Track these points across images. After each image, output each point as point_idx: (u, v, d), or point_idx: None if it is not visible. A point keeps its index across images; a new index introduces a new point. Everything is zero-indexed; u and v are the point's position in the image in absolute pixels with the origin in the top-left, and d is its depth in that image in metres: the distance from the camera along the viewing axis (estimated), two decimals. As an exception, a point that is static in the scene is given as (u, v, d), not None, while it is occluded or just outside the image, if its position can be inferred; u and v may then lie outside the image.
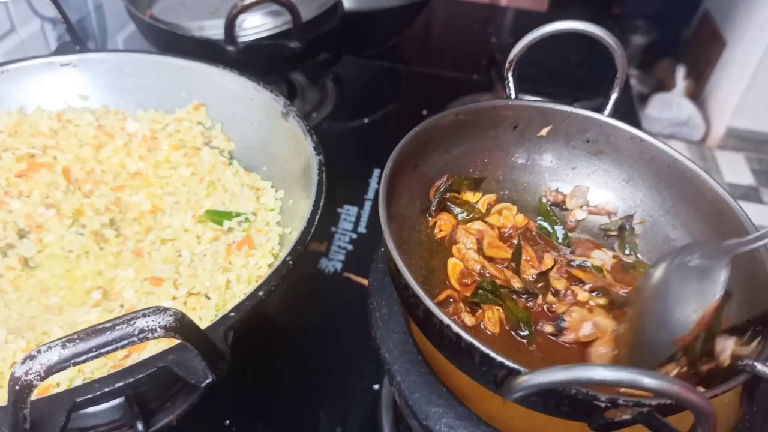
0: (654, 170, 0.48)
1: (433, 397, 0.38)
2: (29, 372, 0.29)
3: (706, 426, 0.27)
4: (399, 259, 0.36)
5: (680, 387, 0.25)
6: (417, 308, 0.35)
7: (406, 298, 0.37)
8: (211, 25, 0.84)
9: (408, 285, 0.35)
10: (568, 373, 0.26)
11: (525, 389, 0.28)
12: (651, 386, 0.25)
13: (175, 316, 0.32)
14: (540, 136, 0.49)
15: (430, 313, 0.34)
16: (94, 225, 0.55)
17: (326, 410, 0.58)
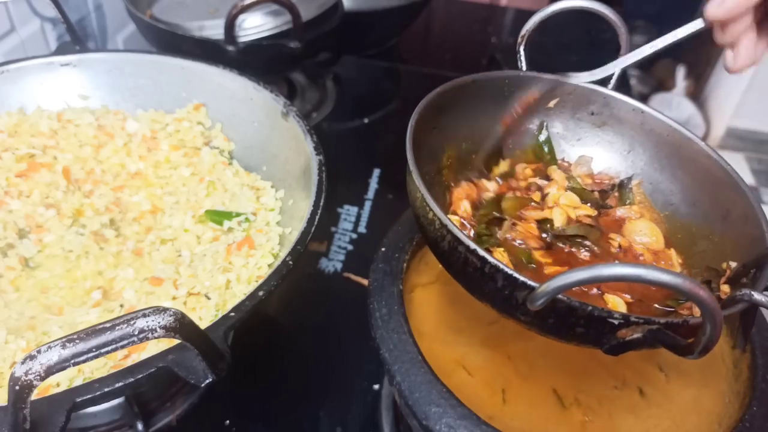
0: (654, 140, 0.50)
1: (433, 397, 0.38)
2: (29, 372, 0.29)
3: (713, 325, 0.29)
4: (427, 192, 0.37)
5: (691, 282, 0.28)
6: (443, 240, 0.37)
7: (431, 233, 0.38)
8: (211, 25, 0.84)
9: (436, 216, 0.36)
10: (588, 272, 0.28)
11: (548, 293, 0.30)
12: (665, 281, 0.27)
13: (175, 316, 0.32)
14: (548, 107, 0.52)
15: (458, 241, 0.35)
16: (94, 225, 0.55)
17: (326, 410, 0.58)
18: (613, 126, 0.52)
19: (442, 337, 0.47)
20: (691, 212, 0.48)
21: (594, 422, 0.43)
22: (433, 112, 0.46)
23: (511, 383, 0.45)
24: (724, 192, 0.45)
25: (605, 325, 0.33)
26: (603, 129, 0.52)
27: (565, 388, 0.45)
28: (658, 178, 0.50)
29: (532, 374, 0.45)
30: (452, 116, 0.48)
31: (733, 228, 0.44)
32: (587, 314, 0.32)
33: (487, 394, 0.44)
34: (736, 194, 0.44)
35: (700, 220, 0.47)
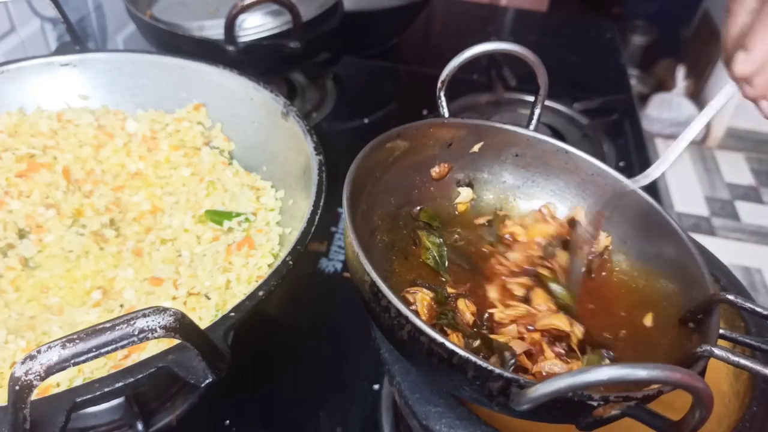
0: (579, 179, 0.51)
1: (433, 397, 0.38)
2: (29, 372, 0.29)
3: (704, 408, 0.29)
4: (380, 281, 0.35)
5: (683, 374, 0.27)
6: (401, 329, 0.34)
7: (386, 320, 0.36)
8: (211, 25, 0.84)
9: (391, 304, 0.34)
10: (574, 378, 0.27)
11: (535, 399, 0.29)
12: (657, 377, 0.26)
13: (175, 316, 0.32)
14: (473, 152, 0.52)
15: (419, 332, 0.33)
16: (94, 225, 0.55)
17: (326, 410, 0.58)
18: (537, 166, 0.52)
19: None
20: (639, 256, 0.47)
21: (594, 422, 0.43)
22: (363, 174, 0.45)
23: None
24: (657, 232, 0.45)
25: (583, 407, 0.31)
26: (528, 169, 0.52)
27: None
28: (584, 219, 0.50)
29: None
30: (382, 175, 0.47)
31: (671, 270, 0.44)
32: (566, 399, 0.31)
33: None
34: (670, 237, 0.44)
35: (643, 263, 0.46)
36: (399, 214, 0.49)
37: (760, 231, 2.14)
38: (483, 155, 0.52)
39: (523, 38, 1.36)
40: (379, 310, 0.36)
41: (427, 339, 0.33)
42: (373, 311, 0.37)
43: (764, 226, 2.16)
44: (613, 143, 0.98)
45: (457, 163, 0.52)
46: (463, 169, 0.52)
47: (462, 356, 0.32)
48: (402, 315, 0.34)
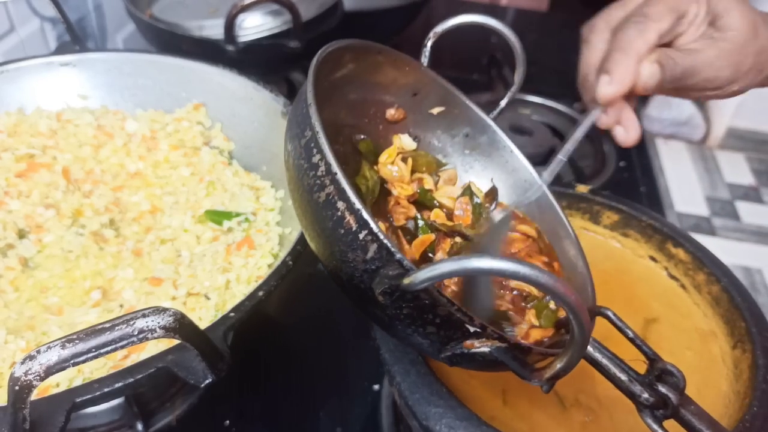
0: (513, 181, 0.51)
1: (433, 398, 0.38)
2: (29, 372, 0.29)
3: (579, 320, 0.27)
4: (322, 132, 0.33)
5: (552, 278, 0.26)
6: (321, 189, 0.33)
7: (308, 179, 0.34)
8: (211, 25, 0.84)
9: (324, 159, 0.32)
10: (457, 263, 0.27)
11: (422, 282, 0.28)
12: (537, 278, 0.26)
13: (174, 317, 0.31)
14: (431, 113, 0.51)
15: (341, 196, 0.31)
16: (94, 225, 0.54)
17: (326, 410, 0.58)
18: (481, 154, 0.51)
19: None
20: None
21: (594, 422, 0.43)
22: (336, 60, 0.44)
23: (511, 384, 0.45)
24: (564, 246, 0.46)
25: (458, 330, 0.31)
26: (471, 154, 0.52)
27: (565, 388, 0.45)
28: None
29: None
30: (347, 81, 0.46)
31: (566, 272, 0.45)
32: (447, 313, 0.30)
33: (488, 394, 0.44)
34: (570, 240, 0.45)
35: None
36: (342, 129, 0.47)
37: (760, 231, 2.14)
38: (438, 121, 0.51)
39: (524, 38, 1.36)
40: (307, 167, 0.34)
41: (344, 204, 0.31)
42: (298, 169, 0.35)
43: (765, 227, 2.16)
44: (614, 143, 0.98)
45: (413, 116, 0.50)
46: (415, 124, 0.51)
47: (373, 229, 0.30)
48: (331, 172, 0.32)
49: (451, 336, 0.31)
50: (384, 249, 0.30)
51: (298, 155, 0.35)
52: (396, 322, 0.33)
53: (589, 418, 0.43)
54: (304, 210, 0.36)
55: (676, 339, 0.50)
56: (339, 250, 0.33)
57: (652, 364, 0.36)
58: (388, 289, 0.30)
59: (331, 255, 0.34)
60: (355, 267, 0.32)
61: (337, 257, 0.33)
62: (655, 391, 0.34)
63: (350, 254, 0.32)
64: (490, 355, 0.31)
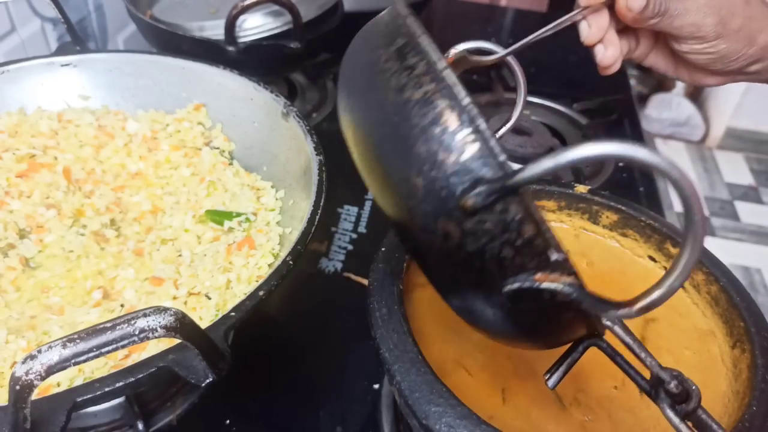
0: None
1: (433, 397, 0.38)
2: (30, 372, 0.29)
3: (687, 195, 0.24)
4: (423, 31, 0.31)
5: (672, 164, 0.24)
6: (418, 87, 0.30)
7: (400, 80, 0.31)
8: (212, 26, 0.84)
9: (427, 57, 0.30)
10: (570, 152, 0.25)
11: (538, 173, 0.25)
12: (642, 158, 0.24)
13: (175, 316, 0.32)
14: None
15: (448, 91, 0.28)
16: (95, 225, 0.55)
17: (326, 410, 0.58)
18: None
19: (441, 336, 0.47)
20: None
21: (594, 422, 0.43)
22: None
23: (510, 383, 0.45)
24: None
25: (537, 257, 0.28)
26: None
27: (565, 388, 0.45)
28: None
29: (532, 375, 0.45)
30: None
31: None
32: (532, 234, 0.27)
33: (487, 393, 0.44)
34: None
35: None
36: None
37: (759, 231, 2.15)
38: None
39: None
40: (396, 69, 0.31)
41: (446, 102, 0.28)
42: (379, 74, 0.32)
43: (764, 227, 2.16)
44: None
45: None
46: None
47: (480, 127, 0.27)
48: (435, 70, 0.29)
49: (525, 264, 0.28)
50: (487, 150, 0.27)
51: (382, 61, 0.32)
52: (468, 240, 0.29)
53: (589, 418, 0.43)
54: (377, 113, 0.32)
55: (675, 338, 0.50)
56: (427, 150, 0.29)
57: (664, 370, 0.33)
58: (482, 193, 0.27)
59: (410, 157, 0.30)
60: (443, 169, 0.28)
61: (420, 159, 0.29)
62: (681, 382, 0.31)
63: (441, 154, 0.28)
64: (561, 292, 0.28)
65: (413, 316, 0.47)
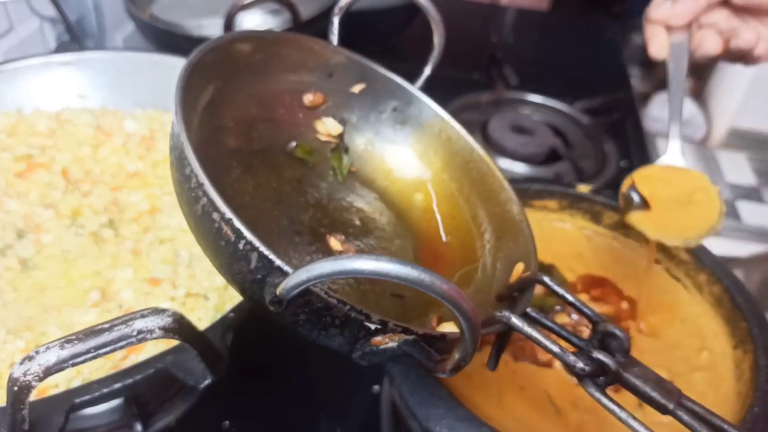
0: (448, 151, 0.49)
1: (433, 399, 0.38)
2: (28, 373, 0.29)
3: (472, 335, 0.27)
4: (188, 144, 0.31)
5: (450, 287, 0.25)
6: (197, 202, 0.31)
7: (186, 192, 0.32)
8: (210, 24, 0.83)
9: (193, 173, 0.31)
10: (336, 264, 0.26)
11: (295, 286, 0.27)
12: (423, 281, 0.25)
13: (173, 317, 0.31)
14: (352, 92, 0.49)
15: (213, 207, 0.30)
16: (93, 225, 0.54)
17: (326, 411, 0.58)
18: (412, 126, 0.50)
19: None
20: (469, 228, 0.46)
21: (590, 423, 0.43)
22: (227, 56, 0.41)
23: (508, 385, 0.45)
24: (503, 212, 0.44)
25: (361, 329, 0.30)
26: (402, 128, 0.50)
27: (562, 389, 0.45)
28: (447, 189, 0.48)
29: (529, 377, 0.45)
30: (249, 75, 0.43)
31: (506, 251, 0.42)
32: (344, 314, 0.30)
33: (485, 395, 0.44)
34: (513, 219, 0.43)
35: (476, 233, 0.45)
36: (255, 124, 0.45)
37: (761, 231, 2.14)
38: (362, 99, 0.49)
39: (524, 37, 1.36)
40: (182, 180, 0.33)
41: (218, 215, 0.30)
42: (178, 183, 0.34)
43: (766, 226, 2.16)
44: (615, 142, 0.98)
45: (334, 98, 0.48)
46: (339, 107, 0.49)
47: (248, 238, 0.29)
48: (200, 183, 0.31)
49: (356, 335, 0.31)
50: (264, 258, 0.29)
51: (175, 169, 0.34)
52: (299, 329, 0.32)
53: (586, 419, 0.43)
54: (191, 225, 0.34)
55: (678, 339, 0.49)
56: (226, 262, 0.32)
57: (595, 326, 0.34)
58: (275, 299, 0.29)
59: (221, 268, 0.33)
60: (244, 278, 0.31)
61: (226, 270, 0.32)
62: (592, 359, 0.32)
63: (235, 266, 0.31)
64: (398, 349, 0.30)
65: (413, 316, 0.47)
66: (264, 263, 0.29)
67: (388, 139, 0.50)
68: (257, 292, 0.31)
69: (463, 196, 0.47)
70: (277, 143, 0.46)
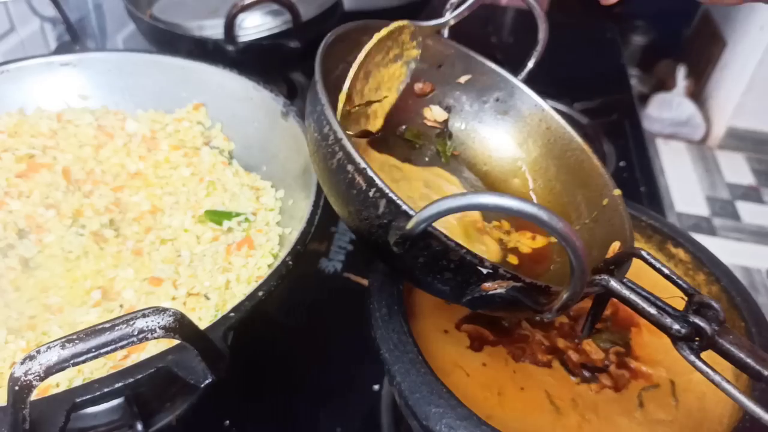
0: (547, 139, 0.52)
1: (433, 398, 0.38)
2: (29, 372, 0.29)
3: (578, 258, 0.28)
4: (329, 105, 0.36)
5: (547, 213, 0.27)
6: (333, 156, 0.36)
7: (323, 148, 0.37)
8: (211, 25, 0.84)
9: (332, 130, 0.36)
10: (462, 199, 0.29)
11: (426, 220, 0.30)
12: (539, 216, 0.27)
13: (174, 317, 0.32)
14: (458, 82, 0.53)
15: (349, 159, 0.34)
16: (94, 225, 0.55)
17: (326, 410, 0.58)
18: (514, 116, 0.53)
19: (441, 337, 0.47)
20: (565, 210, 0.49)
21: (590, 422, 0.43)
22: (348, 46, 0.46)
23: (508, 384, 0.45)
24: (599, 197, 0.47)
25: (473, 274, 0.32)
26: (504, 117, 0.53)
27: (562, 389, 0.45)
28: (544, 175, 0.52)
29: (528, 376, 0.45)
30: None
31: (602, 233, 0.45)
32: (459, 258, 0.32)
33: (484, 395, 0.44)
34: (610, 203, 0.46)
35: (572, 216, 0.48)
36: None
37: (760, 231, 2.14)
38: (467, 89, 0.53)
39: (524, 38, 1.35)
40: (320, 138, 0.37)
41: (353, 167, 0.34)
42: (316, 142, 0.38)
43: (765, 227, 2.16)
44: (614, 143, 0.98)
45: (441, 87, 0.53)
46: (445, 95, 0.53)
47: (379, 185, 0.33)
48: (338, 139, 0.35)
49: (468, 280, 0.33)
50: (392, 203, 0.32)
51: (314, 129, 0.38)
52: (416, 272, 0.34)
53: (585, 419, 0.43)
54: (323, 179, 0.39)
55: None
56: (355, 209, 0.35)
57: (690, 299, 0.35)
58: (400, 240, 0.32)
59: (349, 215, 0.37)
60: (371, 223, 0.34)
61: (354, 217, 0.36)
62: (688, 323, 0.33)
63: (364, 212, 0.34)
64: (506, 294, 0.32)
65: (413, 316, 0.47)
66: (391, 208, 0.33)
67: (489, 127, 0.54)
68: (382, 236, 0.34)
69: (560, 182, 0.50)
70: (390, 125, 0.51)
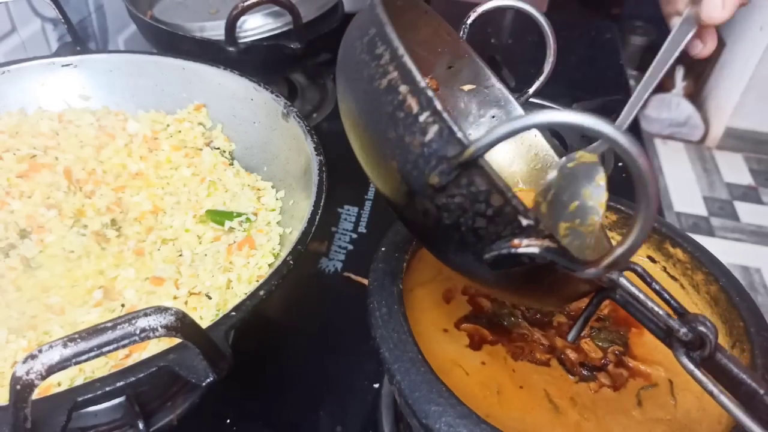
0: (533, 165, 0.51)
1: (433, 396, 0.38)
2: (30, 371, 0.29)
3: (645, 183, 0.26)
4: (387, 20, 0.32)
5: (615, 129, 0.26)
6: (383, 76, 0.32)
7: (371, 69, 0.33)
8: (212, 26, 0.84)
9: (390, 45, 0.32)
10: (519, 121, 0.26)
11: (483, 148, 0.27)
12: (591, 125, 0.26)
13: (176, 316, 0.32)
14: (461, 89, 0.51)
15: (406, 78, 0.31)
16: (96, 225, 0.55)
17: (326, 409, 0.58)
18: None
19: (441, 336, 0.47)
20: None
21: (589, 422, 0.43)
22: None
23: (506, 383, 0.45)
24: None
25: (509, 224, 0.29)
26: None
27: (561, 388, 0.45)
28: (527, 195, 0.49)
29: (527, 374, 0.46)
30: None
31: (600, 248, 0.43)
32: (503, 202, 0.29)
33: (483, 393, 0.44)
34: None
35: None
36: None
37: (759, 231, 2.15)
38: (468, 98, 0.51)
39: (523, 38, 1.36)
40: (368, 60, 0.33)
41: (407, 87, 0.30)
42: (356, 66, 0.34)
43: (763, 226, 2.16)
44: (613, 143, 0.98)
45: (444, 90, 0.50)
46: (445, 99, 0.50)
47: (437, 108, 0.29)
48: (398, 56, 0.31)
49: (500, 232, 0.30)
50: (446, 128, 0.29)
51: (359, 51, 0.34)
52: (444, 215, 0.31)
53: (584, 417, 0.43)
54: (360, 103, 0.35)
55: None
56: (396, 135, 0.32)
57: (682, 318, 0.33)
58: (446, 169, 0.29)
59: (384, 142, 0.33)
60: (411, 152, 0.31)
61: (392, 144, 0.32)
62: (693, 329, 0.31)
63: (407, 137, 0.31)
64: (539, 255, 0.29)
65: (413, 315, 0.48)
66: (443, 134, 0.29)
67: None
68: (420, 166, 0.31)
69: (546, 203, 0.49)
70: None
